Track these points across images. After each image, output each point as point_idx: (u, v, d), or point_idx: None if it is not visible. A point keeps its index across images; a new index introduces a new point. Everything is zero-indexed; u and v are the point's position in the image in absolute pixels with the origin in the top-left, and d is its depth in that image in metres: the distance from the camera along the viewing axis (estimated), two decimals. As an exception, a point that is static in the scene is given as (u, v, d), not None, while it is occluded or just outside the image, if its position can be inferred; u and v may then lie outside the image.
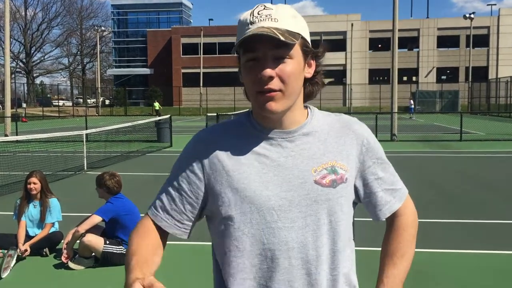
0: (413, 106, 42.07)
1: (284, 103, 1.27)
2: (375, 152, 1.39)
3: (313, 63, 1.35)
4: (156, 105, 44.02)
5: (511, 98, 42.66)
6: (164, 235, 1.38)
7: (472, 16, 49.07)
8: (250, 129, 1.36)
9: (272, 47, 1.24)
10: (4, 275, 4.69)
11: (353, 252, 1.42)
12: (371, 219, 1.45)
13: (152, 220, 1.38)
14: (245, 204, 1.28)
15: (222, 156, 1.33)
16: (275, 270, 1.29)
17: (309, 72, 1.34)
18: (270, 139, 1.33)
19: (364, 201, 1.41)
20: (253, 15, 1.27)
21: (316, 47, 1.36)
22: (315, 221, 1.30)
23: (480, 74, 54.34)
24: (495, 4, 65.42)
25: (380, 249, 1.49)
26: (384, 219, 1.44)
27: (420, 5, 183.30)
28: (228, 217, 1.31)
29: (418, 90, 52.09)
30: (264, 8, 1.27)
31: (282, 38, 1.21)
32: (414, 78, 57.86)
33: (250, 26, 1.26)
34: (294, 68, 1.27)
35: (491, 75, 55.21)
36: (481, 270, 4.79)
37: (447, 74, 58.45)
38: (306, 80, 1.35)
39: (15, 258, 4.95)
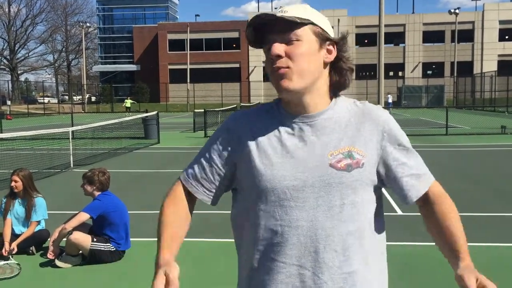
0: (391, 101, 42.35)
1: (296, 81, 1.36)
2: (397, 139, 1.44)
3: (333, 49, 1.42)
4: (128, 102, 42.65)
5: (495, 92, 43.12)
6: (192, 201, 1.54)
7: (457, 11, 49.51)
8: (276, 113, 1.46)
9: (279, 31, 1.35)
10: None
11: (379, 233, 1.44)
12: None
13: (183, 185, 1.53)
14: (263, 182, 1.38)
15: (249, 136, 1.44)
16: (284, 245, 1.37)
17: (328, 58, 1.41)
18: (292, 123, 1.42)
19: (390, 186, 1.45)
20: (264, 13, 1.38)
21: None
22: (327, 202, 1.36)
23: (465, 68, 54.86)
24: (479, -1, 65.86)
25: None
26: (412, 203, 1.46)
27: (406, 0, 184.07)
28: (248, 193, 1.44)
29: (404, 85, 52.43)
30: (275, 8, 1.38)
31: (279, 15, 1.33)
32: (400, 73, 58.26)
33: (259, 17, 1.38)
34: (304, 49, 1.35)
35: (476, 69, 55.78)
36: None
37: (432, 69, 58.94)
38: (330, 68, 1.43)
39: (14, 271, 4.83)
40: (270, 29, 1.36)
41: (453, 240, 1.44)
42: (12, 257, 5.04)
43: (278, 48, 1.34)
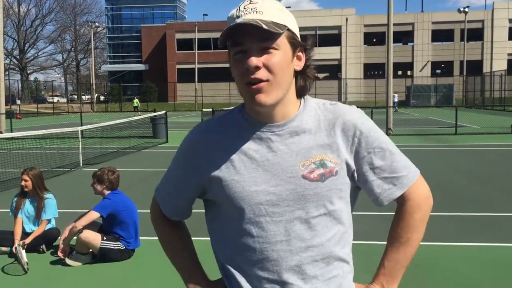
0: (396, 100, 42.16)
1: (273, 95, 1.28)
2: (370, 142, 1.36)
3: (302, 56, 1.36)
4: (135, 101, 43.55)
5: (505, 92, 42.80)
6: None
7: (466, 10, 49.19)
8: (242, 122, 1.38)
9: (258, 39, 1.26)
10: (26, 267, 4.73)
11: (351, 236, 1.44)
12: (370, 213, 1.47)
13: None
14: (236, 200, 1.33)
15: (214, 152, 1.37)
16: (265, 261, 1.34)
17: (299, 65, 1.35)
18: (260, 133, 1.35)
19: (362, 189, 1.42)
20: (239, 10, 1.30)
21: (305, 41, 1.37)
22: (303, 214, 1.32)
23: (474, 67, 54.46)
24: (489, -2, 65.40)
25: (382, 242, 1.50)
26: (384, 205, 1.44)
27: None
28: (219, 211, 1.40)
29: (413, 84, 52.18)
30: (250, 3, 1.29)
31: (265, 27, 1.23)
32: (409, 72, 57.96)
33: (236, 20, 1.28)
34: (281, 58, 1.28)
35: (486, 68, 55.37)
36: (478, 262, 4.82)
37: (441, 68, 58.59)
38: (297, 74, 1.36)
39: (22, 250, 4.91)
40: (244, 32, 1.26)
41: (386, 259, 1.44)
42: (23, 248, 5.06)
43: (257, 58, 1.26)
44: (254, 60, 1.25)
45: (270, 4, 1.29)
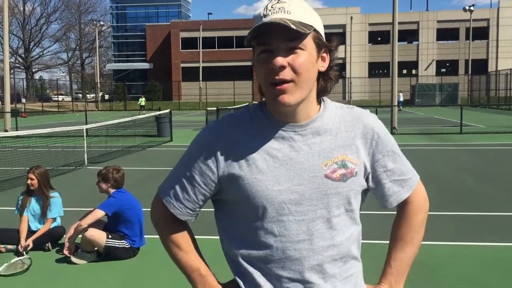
0: (402, 99, 42.02)
1: (296, 95, 1.28)
2: (385, 145, 1.41)
3: (327, 57, 1.36)
4: (142, 100, 43.87)
5: (510, 91, 42.58)
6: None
7: (471, 8, 48.96)
8: (264, 121, 1.37)
9: (285, 39, 1.26)
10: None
11: (360, 234, 1.47)
12: (376, 213, 1.48)
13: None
14: (258, 199, 1.32)
15: (233, 149, 1.35)
16: (286, 260, 1.34)
17: (323, 66, 1.36)
18: (282, 132, 1.35)
19: (372, 190, 1.46)
20: (266, 9, 1.30)
21: (329, 41, 1.37)
22: (325, 213, 1.34)
23: (479, 66, 54.25)
24: (494, -4, 65.13)
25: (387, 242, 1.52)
26: (391, 207, 1.48)
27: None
28: (235, 210, 1.38)
29: (417, 83, 52.02)
30: (277, 2, 1.29)
31: (293, 27, 1.23)
32: (413, 71, 57.80)
33: (263, 19, 1.28)
34: (306, 59, 1.28)
35: (491, 67, 55.13)
36: (483, 261, 4.81)
37: (446, 67, 58.36)
38: (319, 75, 1.36)
39: (26, 266, 4.91)
40: (270, 32, 1.26)
41: (392, 259, 1.49)
42: (26, 253, 5.11)
43: (282, 58, 1.26)
44: (280, 60, 1.25)
45: (297, 4, 1.29)
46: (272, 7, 1.28)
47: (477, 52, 55.15)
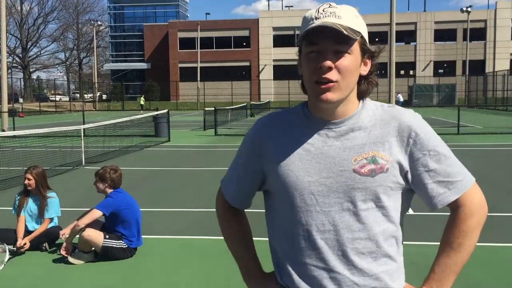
0: (402, 100, 42.06)
1: (338, 94, 1.37)
2: (425, 144, 1.41)
3: (369, 62, 1.45)
4: (141, 100, 44.21)
5: (508, 92, 42.69)
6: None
7: (469, 9, 49.08)
8: (303, 118, 1.48)
9: (334, 42, 1.35)
10: None
11: (400, 235, 1.47)
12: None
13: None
14: (288, 188, 1.43)
15: (274, 142, 1.48)
16: (312, 249, 1.42)
17: (365, 70, 1.44)
18: (318, 129, 1.44)
19: (416, 191, 1.46)
20: (318, 12, 1.38)
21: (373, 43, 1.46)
22: (352, 207, 1.39)
23: (477, 67, 54.38)
24: (492, -3, 65.15)
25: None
26: (438, 209, 1.47)
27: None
28: (275, 199, 1.50)
29: (415, 84, 52.11)
30: (329, 6, 1.38)
31: (345, 33, 1.31)
32: (411, 72, 57.88)
33: (314, 21, 1.36)
34: (352, 63, 1.37)
35: (488, 68, 55.26)
36: (479, 262, 4.82)
37: (444, 67, 58.49)
38: (361, 78, 1.44)
39: (7, 254, 4.94)
40: (322, 34, 1.34)
41: (436, 264, 1.48)
42: (23, 253, 5.10)
43: (331, 60, 1.34)
44: (328, 62, 1.34)
45: (347, 10, 1.38)
46: (324, 11, 1.37)
47: (474, 53, 55.28)
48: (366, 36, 1.42)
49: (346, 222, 1.39)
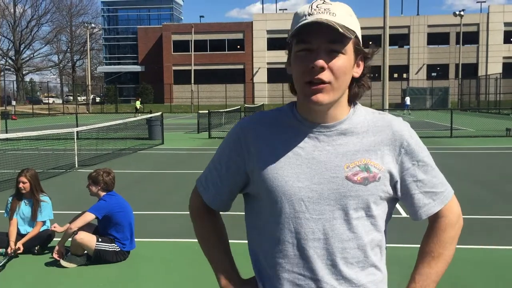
0: (409, 103, 42.16)
1: (330, 96, 1.30)
2: (415, 155, 1.38)
3: (361, 64, 1.38)
4: (137, 103, 43.99)
5: (500, 95, 42.98)
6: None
7: (462, 13, 49.39)
8: (292, 119, 1.40)
9: (328, 40, 1.27)
10: None
11: (384, 244, 1.45)
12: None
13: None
14: (275, 193, 1.35)
15: (260, 145, 1.39)
16: (300, 257, 1.36)
17: (357, 72, 1.37)
18: (308, 132, 1.37)
19: (402, 201, 1.44)
20: (311, 8, 1.30)
21: (367, 47, 1.40)
22: (343, 215, 1.34)
23: (469, 71, 54.67)
24: (484, 1, 65.29)
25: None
26: (421, 220, 1.45)
27: (411, 2, 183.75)
28: (259, 204, 1.42)
29: (408, 87, 52.32)
30: (323, 2, 1.30)
31: (340, 30, 1.24)
32: (404, 75, 58.10)
33: (307, 17, 1.28)
34: (346, 63, 1.30)
35: (481, 72, 55.59)
36: (471, 264, 4.84)
37: (437, 71, 58.78)
38: (352, 81, 1.38)
39: (2, 257, 4.91)
40: (315, 32, 1.26)
41: (417, 273, 1.45)
42: (17, 256, 5.07)
43: (324, 59, 1.27)
44: (321, 62, 1.26)
45: (342, 8, 1.31)
46: (317, 7, 1.29)
47: (467, 56, 55.58)
48: (360, 36, 1.35)
49: (337, 231, 1.33)
